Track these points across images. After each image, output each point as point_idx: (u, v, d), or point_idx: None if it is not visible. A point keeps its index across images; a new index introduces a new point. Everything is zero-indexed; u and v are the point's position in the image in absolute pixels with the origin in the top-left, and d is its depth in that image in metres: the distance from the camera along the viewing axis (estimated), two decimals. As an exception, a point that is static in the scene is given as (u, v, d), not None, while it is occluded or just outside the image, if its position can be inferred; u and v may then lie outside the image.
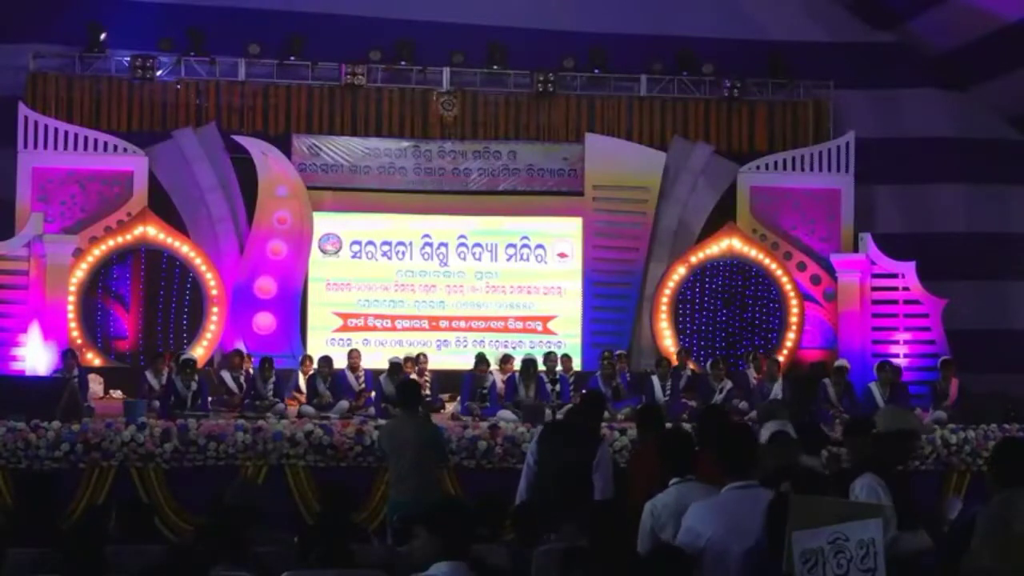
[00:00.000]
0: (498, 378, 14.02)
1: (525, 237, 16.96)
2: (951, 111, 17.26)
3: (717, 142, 17.20)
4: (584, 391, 13.95)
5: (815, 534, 4.02)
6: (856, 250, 16.62)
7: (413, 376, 13.77)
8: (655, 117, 17.24)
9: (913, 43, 17.24)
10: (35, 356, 14.70)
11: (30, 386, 12.88)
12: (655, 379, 13.99)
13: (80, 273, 15.53)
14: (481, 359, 13.96)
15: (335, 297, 16.61)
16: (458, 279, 16.84)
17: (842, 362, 14.22)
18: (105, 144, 15.89)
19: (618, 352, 15.11)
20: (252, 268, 16.22)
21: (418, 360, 14.39)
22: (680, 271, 16.76)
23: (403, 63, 16.80)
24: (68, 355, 13.68)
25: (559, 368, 14.33)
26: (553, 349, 15.39)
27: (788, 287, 16.72)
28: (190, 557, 5.05)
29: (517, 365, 14.17)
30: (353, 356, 14.22)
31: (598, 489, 6.92)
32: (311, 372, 14.10)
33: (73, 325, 15.37)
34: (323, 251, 16.62)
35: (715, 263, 16.88)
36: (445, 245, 16.82)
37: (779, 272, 16.74)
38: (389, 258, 16.76)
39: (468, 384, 13.71)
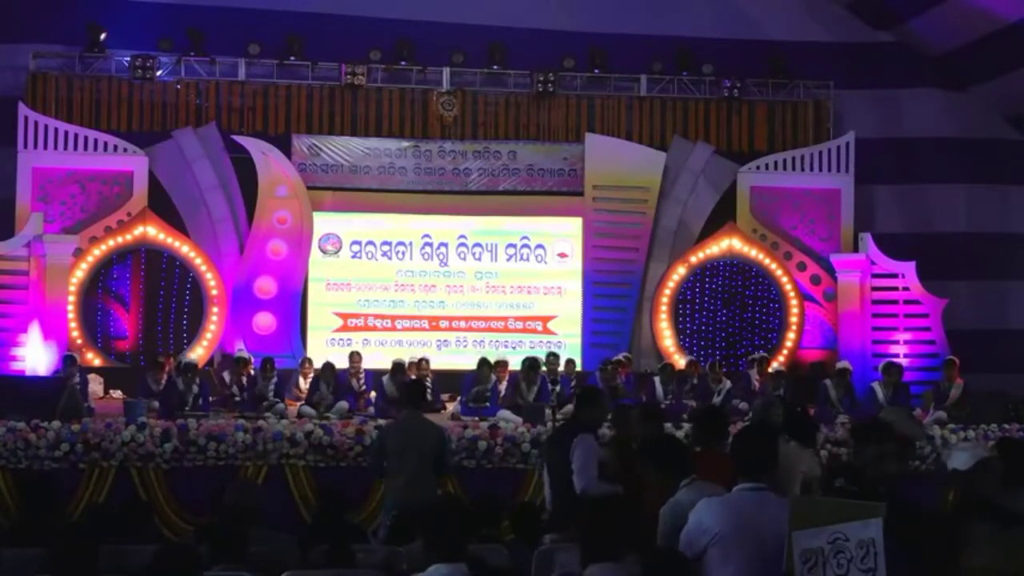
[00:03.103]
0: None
1: (525, 237, 16.96)
2: (951, 111, 17.25)
3: (717, 142, 17.20)
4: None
5: (815, 534, 4.02)
6: (856, 250, 16.63)
7: (414, 378, 13.81)
8: (655, 117, 17.23)
9: (913, 43, 17.23)
10: (35, 356, 14.69)
11: (30, 386, 12.88)
12: (657, 380, 14.01)
13: (80, 273, 15.53)
14: (484, 365, 13.96)
15: (335, 297, 16.60)
16: (458, 279, 16.84)
17: (844, 364, 14.20)
18: (105, 144, 15.89)
19: (623, 355, 15.05)
20: (252, 268, 16.22)
21: (420, 364, 14.38)
22: (680, 271, 16.76)
23: (403, 63, 16.81)
24: (69, 361, 13.67)
25: (561, 369, 14.28)
26: (554, 350, 15.37)
27: (788, 287, 16.73)
28: (187, 556, 5.04)
29: (514, 366, 14.17)
30: (354, 360, 14.19)
31: (576, 483, 6.91)
32: (311, 374, 14.10)
33: (73, 325, 15.38)
34: (323, 251, 16.62)
35: (715, 263, 16.88)
36: (445, 245, 16.82)
37: (779, 272, 16.75)
38: (389, 258, 16.76)
39: (469, 384, 13.72)
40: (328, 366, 13.94)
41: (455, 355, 16.30)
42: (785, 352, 16.57)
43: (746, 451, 4.73)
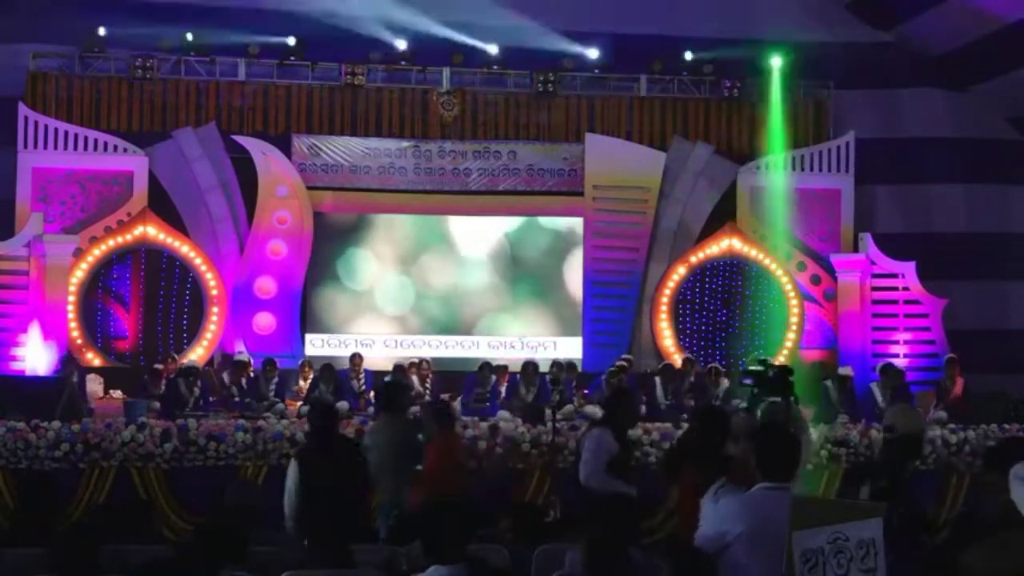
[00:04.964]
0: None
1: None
2: (951, 111, 17.24)
3: (717, 142, 17.19)
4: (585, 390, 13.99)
5: (815, 534, 4.02)
6: (856, 250, 16.62)
7: (415, 379, 13.85)
8: (655, 117, 17.22)
9: (913, 43, 17.23)
10: (35, 356, 14.69)
11: (30, 386, 12.89)
12: (658, 380, 14.01)
13: (80, 273, 15.52)
14: (484, 368, 13.97)
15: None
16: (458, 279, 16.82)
17: (846, 371, 14.17)
18: (105, 144, 15.88)
19: (625, 358, 15.02)
20: (252, 268, 16.21)
21: (420, 366, 14.40)
22: (680, 271, 16.76)
23: (403, 63, 16.80)
24: (68, 361, 13.67)
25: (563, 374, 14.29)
26: (558, 357, 15.36)
27: (788, 287, 16.72)
28: (198, 556, 5.05)
29: (514, 365, 14.20)
30: (355, 360, 14.22)
31: (580, 473, 7.11)
32: (311, 375, 14.11)
33: (73, 325, 15.37)
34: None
35: (715, 263, 16.87)
36: (445, 245, 16.80)
37: (779, 272, 16.75)
38: (389, 258, 16.77)
39: (470, 387, 13.73)
40: (328, 367, 13.95)
41: (456, 355, 16.30)
42: (785, 352, 16.55)
43: (771, 452, 4.73)
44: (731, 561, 4.50)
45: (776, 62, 16.94)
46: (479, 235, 16.81)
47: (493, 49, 16.73)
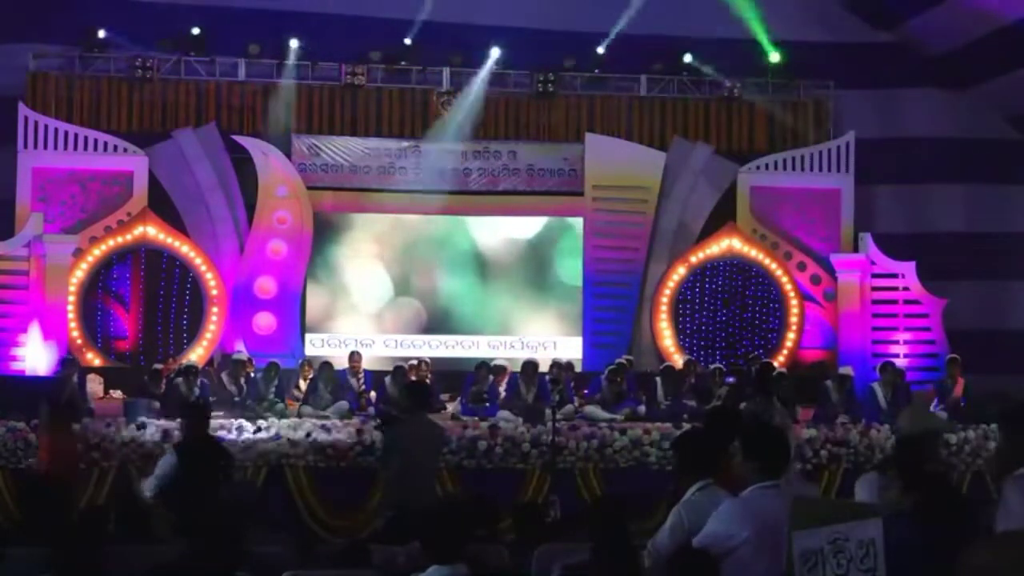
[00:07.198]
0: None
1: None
2: (951, 111, 17.24)
3: (717, 142, 17.19)
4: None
5: (815, 534, 4.02)
6: (856, 250, 16.63)
7: (414, 379, 13.82)
8: (655, 117, 17.22)
9: (913, 43, 17.23)
10: (35, 356, 14.70)
11: (30, 386, 12.89)
12: (658, 380, 14.01)
13: (80, 273, 15.53)
14: (482, 368, 13.99)
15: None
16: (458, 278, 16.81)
17: (847, 370, 14.18)
18: (105, 144, 15.88)
19: (625, 358, 15.00)
20: (252, 268, 16.21)
21: (419, 366, 14.38)
22: (680, 271, 16.76)
23: (403, 63, 16.80)
24: (67, 362, 13.66)
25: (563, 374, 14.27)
26: (558, 357, 15.33)
27: (788, 287, 16.72)
28: (198, 560, 5.04)
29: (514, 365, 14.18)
30: (354, 359, 14.22)
31: None
32: (311, 375, 14.10)
33: (73, 325, 15.37)
34: (323, 251, 16.60)
35: (715, 263, 16.87)
36: (445, 245, 16.80)
37: (779, 272, 16.75)
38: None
39: (469, 387, 13.73)
40: (326, 365, 13.93)
41: (456, 355, 16.30)
42: (785, 352, 16.56)
43: (763, 451, 4.73)
44: (737, 563, 4.50)
45: (776, 62, 16.95)
46: (479, 235, 16.82)
47: (493, 49, 16.72)
